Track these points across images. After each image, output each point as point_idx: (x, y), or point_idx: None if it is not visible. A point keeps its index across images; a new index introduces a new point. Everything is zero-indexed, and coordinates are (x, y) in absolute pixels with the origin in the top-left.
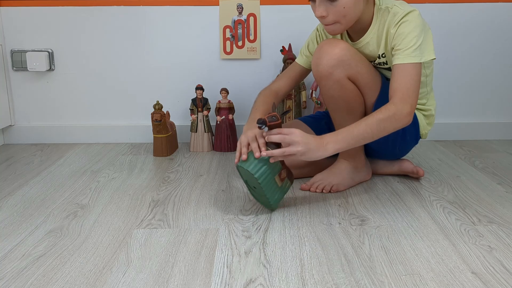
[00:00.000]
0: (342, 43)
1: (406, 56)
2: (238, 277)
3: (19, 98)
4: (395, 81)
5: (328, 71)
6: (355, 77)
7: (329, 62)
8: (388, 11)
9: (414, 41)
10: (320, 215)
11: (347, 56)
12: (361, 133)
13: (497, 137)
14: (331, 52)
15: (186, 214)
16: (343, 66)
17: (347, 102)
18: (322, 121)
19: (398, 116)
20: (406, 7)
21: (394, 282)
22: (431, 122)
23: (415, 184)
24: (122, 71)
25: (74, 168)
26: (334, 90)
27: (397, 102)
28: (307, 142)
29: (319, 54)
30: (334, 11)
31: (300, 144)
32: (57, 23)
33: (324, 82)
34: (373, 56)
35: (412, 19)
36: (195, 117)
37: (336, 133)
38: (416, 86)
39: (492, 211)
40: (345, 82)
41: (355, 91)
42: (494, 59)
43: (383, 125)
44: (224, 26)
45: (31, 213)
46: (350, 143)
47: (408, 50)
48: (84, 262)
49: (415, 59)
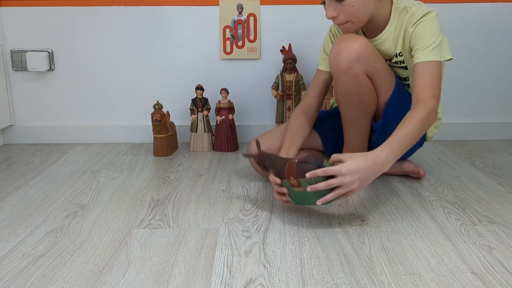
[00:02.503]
0: (362, 39)
1: (426, 54)
2: (238, 277)
3: (19, 98)
4: (420, 78)
5: (347, 65)
6: (372, 73)
7: (349, 57)
8: (407, 11)
9: (433, 40)
10: (320, 215)
11: (366, 52)
12: (408, 136)
13: (497, 137)
14: (351, 47)
15: (186, 214)
16: (362, 62)
17: (362, 98)
18: (326, 121)
19: (434, 113)
20: (425, 8)
21: (394, 282)
22: (438, 125)
23: (415, 184)
24: (122, 71)
25: (74, 168)
26: (351, 85)
27: (428, 99)
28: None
29: (338, 48)
30: (344, 10)
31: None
32: (57, 23)
33: (342, 77)
34: (389, 54)
35: (430, 19)
36: (195, 117)
37: (388, 144)
38: (440, 83)
39: (492, 211)
40: (362, 78)
41: (371, 87)
42: (494, 59)
43: (425, 124)
44: (224, 26)
45: (31, 213)
46: (403, 150)
47: (427, 49)
48: (84, 262)
49: (435, 57)
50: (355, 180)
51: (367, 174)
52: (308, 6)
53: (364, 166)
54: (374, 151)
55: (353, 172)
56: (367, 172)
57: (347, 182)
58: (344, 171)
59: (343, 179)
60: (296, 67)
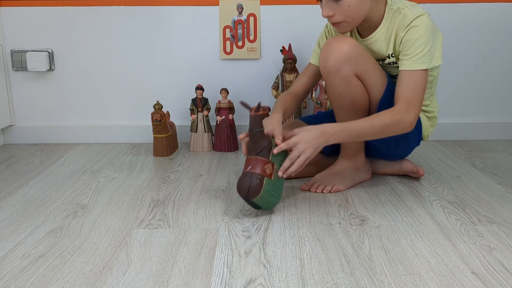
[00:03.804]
0: (350, 40)
1: (413, 63)
2: (238, 277)
3: (19, 98)
4: (401, 87)
5: (336, 67)
6: (362, 74)
7: (337, 58)
8: (400, 12)
9: (422, 47)
10: (320, 215)
11: (355, 53)
12: (364, 131)
13: (497, 137)
14: (339, 48)
15: (186, 214)
16: (351, 63)
17: (353, 99)
18: (323, 121)
19: (402, 125)
20: (417, 10)
21: (394, 282)
22: (434, 124)
23: (415, 184)
24: (122, 71)
25: (74, 168)
26: (340, 86)
27: (402, 110)
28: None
29: (327, 50)
30: (340, 10)
31: (306, 146)
32: (57, 23)
33: (331, 78)
34: (381, 54)
35: (422, 23)
36: (195, 117)
37: (340, 126)
38: (421, 94)
39: (492, 211)
40: (351, 79)
41: (361, 88)
42: (494, 59)
43: (386, 130)
44: (224, 26)
45: (31, 213)
46: (352, 137)
47: (416, 57)
48: (84, 262)
49: (422, 66)
50: (309, 147)
51: (319, 142)
52: (308, 6)
53: (315, 135)
54: (323, 125)
55: (306, 141)
56: (318, 140)
57: (302, 149)
58: (298, 140)
59: (300, 146)
60: (296, 67)
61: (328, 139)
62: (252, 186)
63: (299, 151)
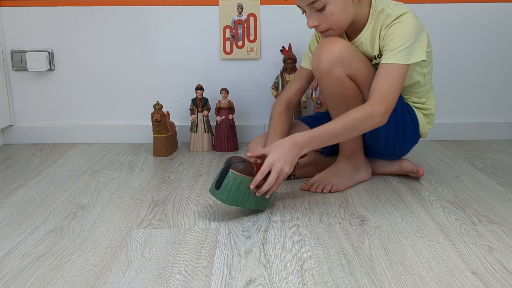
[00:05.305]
0: (342, 41)
1: (392, 56)
2: (238, 277)
3: (19, 98)
4: (376, 80)
5: (328, 68)
6: (355, 75)
7: (329, 60)
8: (383, 12)
9: (403, 42)
10: (320, 215)
11: (347, 54)
12: (336, 132)
13: (497, 137)
14: (331, 50)
15: (186, 214)
16: (343, 64)
17: (347, 100)
18: (322, 121)
19: (373, 117)
20: (400, 9)
21: (394, 282)
22: (431, 121)
23: (415, 184)
24: (122, 71)
25: (74, 168)
26: (334, 88)
27: (373, 103)
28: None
29: (319, 52)
30: (324, 19)
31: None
32: (57, 23)
33: (324, 80)
34: (368, 55)
35: (405, 20)
36: (195, 117)
37: (309, 134)
38: (397, 88)
39: (492, 211)
40: (345, 80)
41: (354, 89)
42: (494, 59)
43: (358, 125)
44: (224, 26)
45: (31, 213)
46: (325, 140)
47: (395, 50)
48: (84, 262)
49: (401, 60)
50: (286, 164)
51: (292, 155)
52: None
53: (286, 150)
54: (292, 136)
55: (280, 158)
56: (291, 153)
57: (279, 168)
58: (273, 161)
59: (276, 166)
60: (296, 67)
61: (300, 149)
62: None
63: (277, 171)
